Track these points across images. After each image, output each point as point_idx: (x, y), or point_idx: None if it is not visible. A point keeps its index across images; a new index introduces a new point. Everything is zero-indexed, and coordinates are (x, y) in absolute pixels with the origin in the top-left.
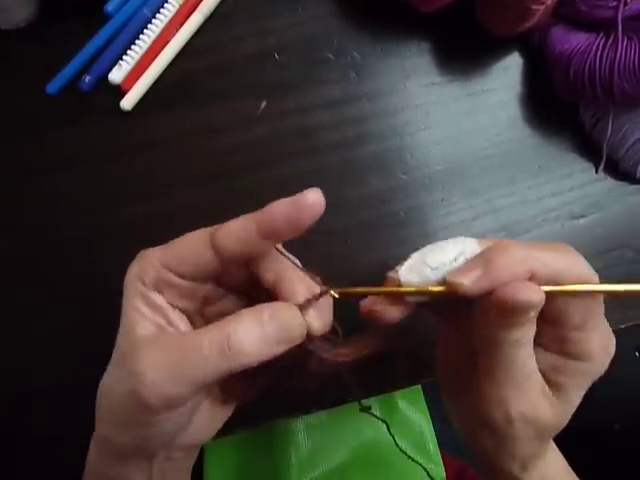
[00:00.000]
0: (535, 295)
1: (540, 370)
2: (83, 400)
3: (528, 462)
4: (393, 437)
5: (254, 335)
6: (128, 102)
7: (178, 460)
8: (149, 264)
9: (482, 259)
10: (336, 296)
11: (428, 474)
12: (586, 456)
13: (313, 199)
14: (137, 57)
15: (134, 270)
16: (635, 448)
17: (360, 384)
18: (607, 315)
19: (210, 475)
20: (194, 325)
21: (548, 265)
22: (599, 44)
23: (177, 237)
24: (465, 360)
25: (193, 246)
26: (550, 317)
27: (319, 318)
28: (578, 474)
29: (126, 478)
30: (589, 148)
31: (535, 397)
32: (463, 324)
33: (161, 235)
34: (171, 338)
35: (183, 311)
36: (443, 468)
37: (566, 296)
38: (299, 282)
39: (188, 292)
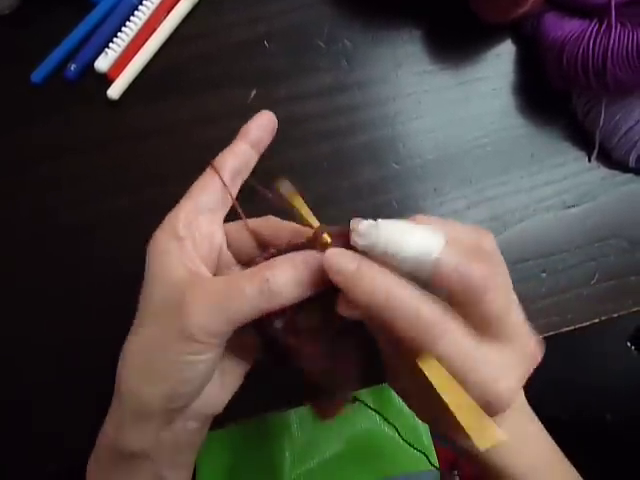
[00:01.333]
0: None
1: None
2: (84, 385)
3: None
4: (395, 427)
5: (289, 277)
6: (115, 91)
7: (192, 432)
8: (175, 218)
9: (363, 267)
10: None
11: (429, 461)
12: (577, 446)
13: (270, 115)
14: (124, 45)
15: (164, 231)
16: (626, 438)
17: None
18: (599, 305)
19: (202, 469)
20: None
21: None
22: (592, 31)
23: None
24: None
25: (200, 182)
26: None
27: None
28: (580, 465)
29: (138, 446)
30: (582, 137)
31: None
32: None
33: (150, 225)
34: (214, 280)
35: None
36: (436, 458)
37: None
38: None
39: (208, 237)
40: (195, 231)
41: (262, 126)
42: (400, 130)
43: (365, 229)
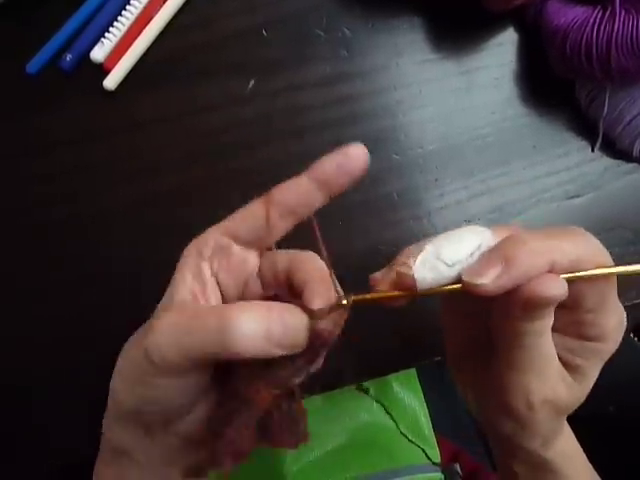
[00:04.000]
0: (560, 289)
1: (557, 353)
2: (83, 382)
3: (549, 440)
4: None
5: (255, 328)
6: (111, 81)
7: (176, 449)
8: (210, 236)
9: (500, 255)
10: (348, 303)
11: (427, 456)
12: (580, 439)
13: (358, 149)
14: (120, 34)
15: (194, 244)
16: (630, 430)
17: (354, 367)
18: None
19: None
20: None
21: (568, 254)
22: (596, 18)
23: (163, 220)
24: (477, 346)
25: (248, 208)
26: (566, 302)
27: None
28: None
29: (122, 444)
30: (585, 126)
31: (555, 382)
32: (471, 309)
33: (149, 216)
34: (189, 305)
35: (223, 291)
36: (438, 450)
37: (585, 282)
38: (322, 289)
39: (236, 265)
40: (225, 255)
41: (342, 165)
42: (401, 120)
43: (420, 262)
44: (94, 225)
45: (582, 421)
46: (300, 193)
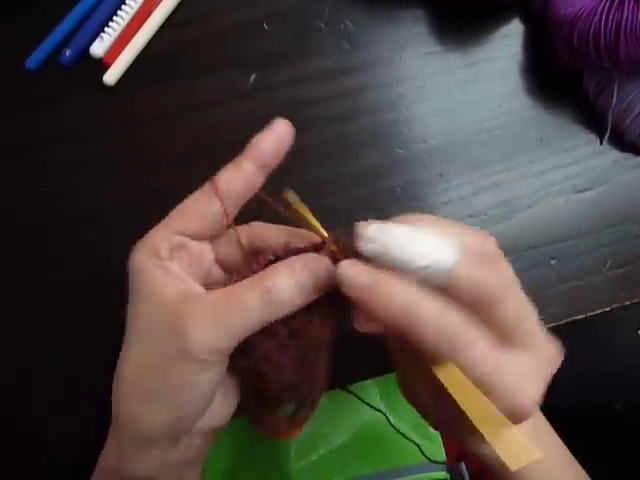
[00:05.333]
0: (368, 329)
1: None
2: (83, 381)
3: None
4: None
5: (292, 284)
6: (111, 76)
7: (197, 448)
8: (160, 237)
9: (379, 282)
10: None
11: (422, 452)
12: (587, 436)
13: (286, 125)
14: (119, 29)
15: (145, 247)
16: (637, 427)
17: (357, 366)
18: (611, 292)
19: (207, 461)
20: None
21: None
22: (604, 7)
23: (165, 215)
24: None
25: (196, 204)
26: None
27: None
28: (579, 454)
29: (145, 472)
30: (593, 119)
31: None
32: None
33: (149, 213)
34: (212, 292)
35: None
36: (443, 449)
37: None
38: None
39: (196, 259)
40: (183, 253)
41: (275, 142)
42: (404, 114)
43: (373, 234)
44: (94, 222)
45: (589, 419)
46: (245, 180)
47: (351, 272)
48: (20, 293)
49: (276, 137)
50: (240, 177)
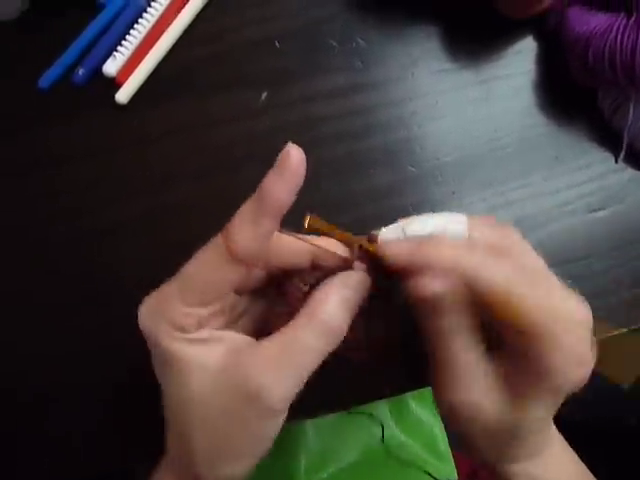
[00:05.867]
0: (433, 287)
1: (500, 371)
2: (96, 399)
3: (499, 458)
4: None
5: (344, 309)
6: (124, 95)
7: None
8: (180, 313)
9: (417, 241)
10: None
11: (430, 475)
12: (600, 453)
13: (296, 160)
14: (132, 48)
15: (166, 323)
16: None
17: (369, 387)
18: (628, 313)
19: None
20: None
21: (469, 270)
22: (620, 25)
23: (178, 233)
24: None
25: (212, 272)
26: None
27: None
28: (592, 471)
29: None
30: (608, 137)
31: (473, 390)
32: None
33: (162, 231)
34: (268, 343)
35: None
36: (454, 467)
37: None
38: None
39: (218, 313)
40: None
41: (291, 183)
42: (416, 131)
43: (392, 234)
44: (107, 239)
45: (603, 433)
46: (265, 239)
47: (395, 244)
48: (33, 310)
49: (290, 177)
50: (259, 237)
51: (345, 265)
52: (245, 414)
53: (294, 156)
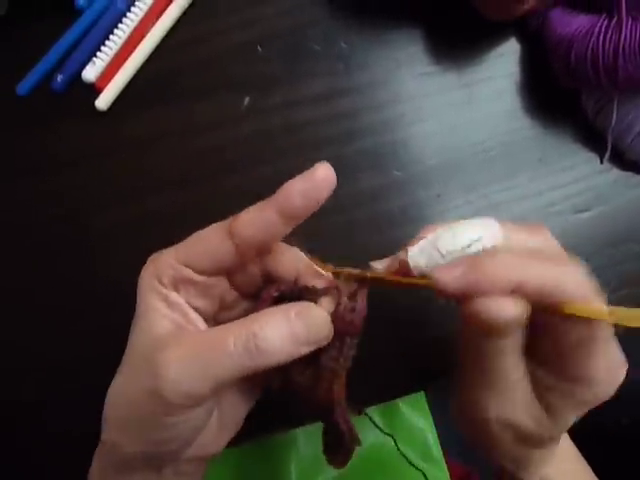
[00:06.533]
0: (508, 311)
1: (533, 384)
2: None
3: (525, 466)
4: (396, 443)
5: (281, 334)
6: (103, 101)
7: (187, 475)
8: (166, 263)
9: (470, 260)
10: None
11: (426, 478)
12: (594, 453)
13: (325, 172)
14: (112, 53)
15: (150, 271)
16: None
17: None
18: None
19: None
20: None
21: (538, 279)
22: (602, 26)
23: (159, 241)
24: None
25: (210, 240)
26: (546, 330)
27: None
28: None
29: None
30: (593, 138)
31: (518, 409)
32: None
33: (143, 239)
34: (194, 334)
35: (199, 312)
36: (447, 473)
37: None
38: (318, 278)
39: (205, 290)
40: (189, 285)
41: (309, 194)
42: (401, 135)
43: (424, 255)
44: (88, 247)
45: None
46: (266, 229)
47: (446, 272)
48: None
49: (312, 185)
50: (260, 224)
51: (323, 292)
52: (142, 393)
53: (321, 170)
